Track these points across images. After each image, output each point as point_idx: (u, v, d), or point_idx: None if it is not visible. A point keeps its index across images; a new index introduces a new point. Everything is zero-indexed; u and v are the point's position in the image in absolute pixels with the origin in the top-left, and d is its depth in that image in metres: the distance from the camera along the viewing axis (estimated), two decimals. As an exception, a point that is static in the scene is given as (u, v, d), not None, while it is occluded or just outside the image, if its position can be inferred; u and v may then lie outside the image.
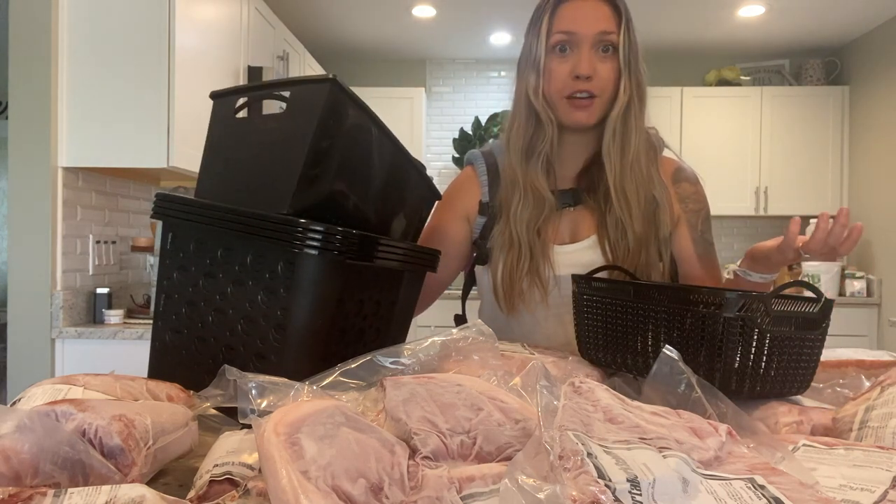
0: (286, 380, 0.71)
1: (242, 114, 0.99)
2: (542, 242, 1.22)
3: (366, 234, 0.88)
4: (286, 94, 0.92)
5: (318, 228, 0.81)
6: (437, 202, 1.20)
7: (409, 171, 1.06)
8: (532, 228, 1.21)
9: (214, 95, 1.04)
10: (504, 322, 1.28)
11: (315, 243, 0.81)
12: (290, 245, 0.82)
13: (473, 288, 1.42)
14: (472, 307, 1.41)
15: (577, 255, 1.24)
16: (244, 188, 0.94)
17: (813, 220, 4.26)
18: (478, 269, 1.33)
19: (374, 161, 0.98)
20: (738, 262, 1.17)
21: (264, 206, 0.87)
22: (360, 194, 0.97)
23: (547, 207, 1.22)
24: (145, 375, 0.97)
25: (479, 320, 0.96)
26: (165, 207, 0.95)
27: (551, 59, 1.17)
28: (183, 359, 0.95)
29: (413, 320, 1.15)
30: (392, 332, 1.05)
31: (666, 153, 1.32)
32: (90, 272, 2.67)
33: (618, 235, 1.20)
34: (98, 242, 2.70)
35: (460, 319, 1.40)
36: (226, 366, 0.74)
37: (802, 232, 1.07)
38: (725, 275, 1.32)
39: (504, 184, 1.26)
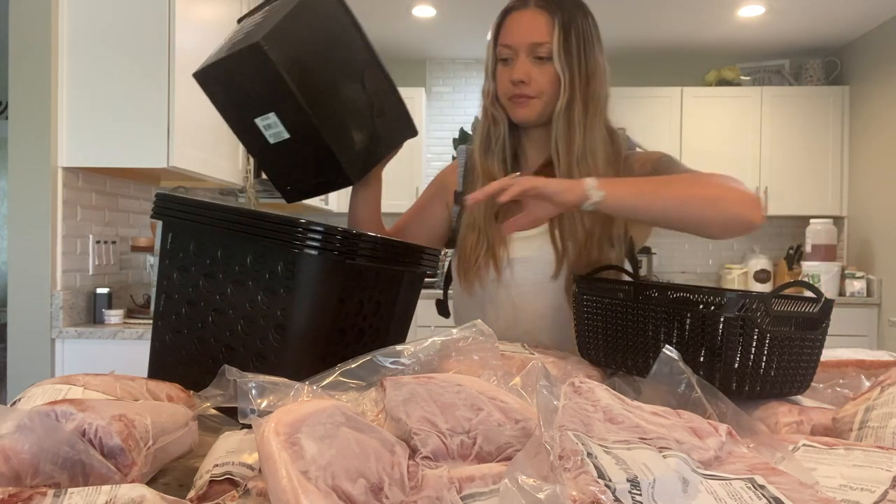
0: (286, 380, 0.71)
1: None
2: (499, 227, 1.30)
3: (366, 234, 0.89)
4: None
5: (319, 228, 0.81)
6: (424, 186, 1.33)
7: (389, 94, 1.22)
8: (489, 213, 1.32)
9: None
10: (460, 301, 1.41)
11: (315, 243, 0.81)
12: (290, 245, 0.82)
13: None
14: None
15: (528, 241, 1.32)
16: (228, 48, 1.10)
17: (813, 220, 4.28)
18: (452, 253, 1.46)
19: (347, 53, 1.12)
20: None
21: (242, 45, 1.02)
22: (326, 67, 1.07)
23: None
24: (145, 375, 0.97)
25: (479, 320, 0.96)
26: (165, 207, 0.95)
27: (498, 67, 1.32)
28: (183, 358, 0.95)
29: (413, 320, 1.16)
30: (392, 332, 1.05)
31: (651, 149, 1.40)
32: (90, 272, 2.67)
33: (569, 227, 1.28)
34: (98, 242, 2.70)
35: (441, 304, 1.50)
36: (226, 366, 0.74)
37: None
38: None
39: (469, 175, 1.42)
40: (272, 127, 1.11)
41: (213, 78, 1.12)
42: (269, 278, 0.85)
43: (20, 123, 2.47)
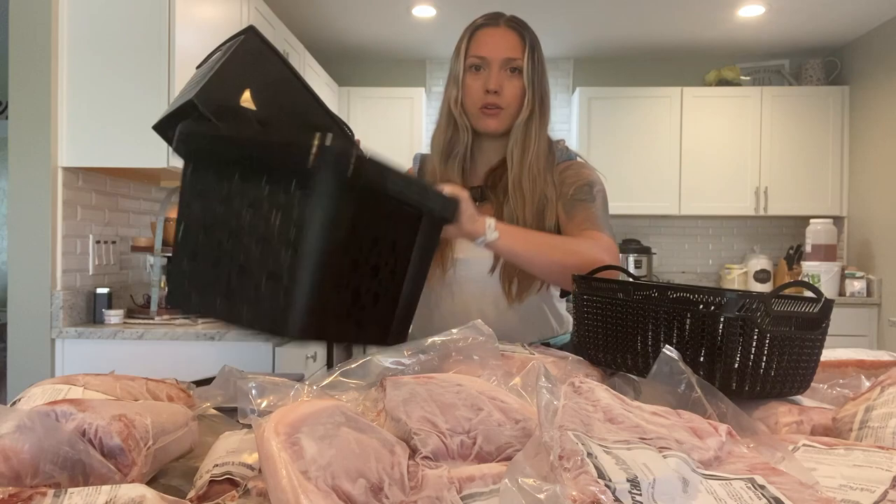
0: (286, 380, 0.71)
1: None
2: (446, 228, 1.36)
3: (380, 159, 0.90)
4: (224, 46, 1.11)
5: (332, 148, 0.83)
6: None
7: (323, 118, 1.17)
8: None
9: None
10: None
11: (327, 163, 0.83)
12: (303, 163, 0.83)
13: None
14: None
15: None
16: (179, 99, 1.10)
17: (813, 220, 4.29)
18: None
19: (282, 97, 1.11)
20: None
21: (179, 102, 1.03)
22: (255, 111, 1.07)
23: None
24: (145, 375, 0.97)
25: (479, 321, 0.96)
26: (187, 141, 0.97)
27: (468, 76, 1.41)
28: (197, 284, 0.96)
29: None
30: (409, 278, 1.04)
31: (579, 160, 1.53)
32: (90, 272, 2.67)
33: (513, 221, 1.37)
34: (98, 242, 2.70)
35: None
36: (226, 365, 0.74)
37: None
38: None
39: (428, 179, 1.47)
40: None
41: (166, 130, 1.18)
42: (283, 199, 0.86)
43: (20, 123, 2.48)
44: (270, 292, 0.85)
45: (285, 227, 0.85)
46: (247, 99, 1.09)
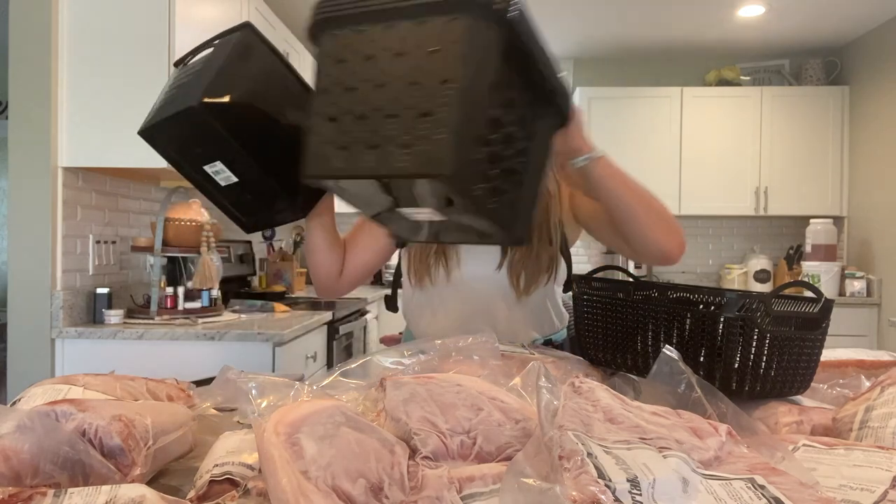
0: (286, 380, 0.71)
1: None
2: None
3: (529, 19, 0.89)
4: (215, 42, 1.13)
5: None
6: None
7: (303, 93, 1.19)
8: None
9: (176, 63, 1.25)
10: (410, 298, 1.47)
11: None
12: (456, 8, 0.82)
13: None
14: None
15: None
16: (166, 104, 1.15)
17: (814, 221, 4.28)
18: (400, 253, 1.51)
19: (279, 91, 1.14)
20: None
21: (178, 106, 1.06)
22: (260, 112, 1.11)
23: None
24: (145, 375, 0.97)
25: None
26: (324, 13, 0.94)
27: None
28: (341, 144, 0.93)
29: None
30: (532, 169, 1.02)
31: None
32: (90, 272, 2.67)
33: None
34: (98, 242, 2.70)
35: (389, 299, 1.54)
36: (226, 365, 0.74)
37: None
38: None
39: None
40: (221, 173, 1.17)
41: (156, 135, 1.20)
42: (434, 41, 0.85)
43: (20, 123, 2.47)
44: (426, 130, 0.83)
45: (434, 68, 0.84)
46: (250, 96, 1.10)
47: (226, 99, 1.06)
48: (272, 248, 4.12)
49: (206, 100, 1.03)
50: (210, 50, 1.13)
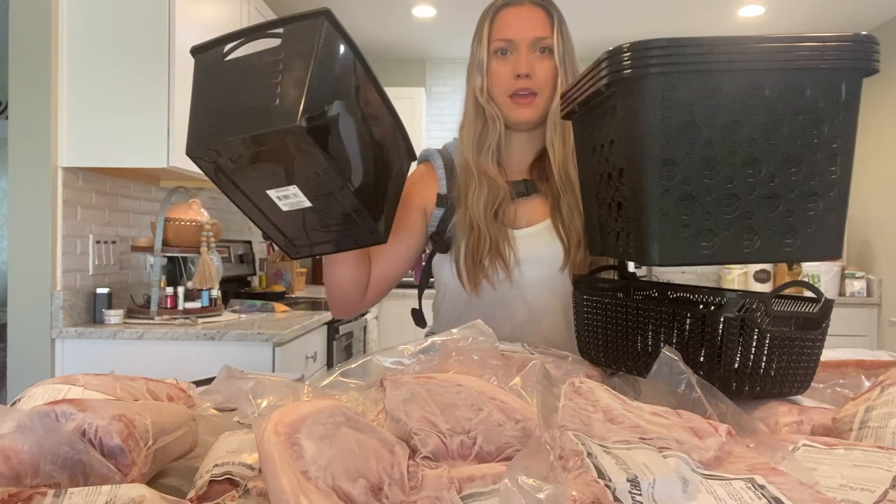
0: (286, 380, 0.71)
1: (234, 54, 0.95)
2: (500, 225, 1.29)
3: None
4: (280, 31, 0.91)
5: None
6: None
7: (391, 121, 1.05)
8: (489, 212, 1.28)
9: (196, 50, 1.00)
10: (465, 307, 1.33)
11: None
12: (866, 64, 0.79)
13: (430, 280, 1.45)
14: (427, 303, 1.45)
15: (534, 237, 1.30)
16: (241, 117, 0.90)
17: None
18: (437, 260, 1.38)
19: (360, 98, 0.97)
20: None
21: (271, 123, 0.86)
22: (350, 124, 0.94)
23: (501, 193, 1.30)
24: (145, 375, 0.97)
25: (480, 320, 0.96)
26: (648, 57, 0.80)
27: (493, 61, 1.29)
28: (701, 228, 0.83)
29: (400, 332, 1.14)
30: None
31: None
32: (90, 272, 2.67)
33: (570, 219, 1.29)
34: (98, 242, 2.70)
35: (417, 313, 1.45)
36: (226, 365, 0.74)
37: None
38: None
39: (460, 175, 1.34)
40: (291, 197, 0.97)
41: (216, 156, 0.95)
42: (817, 107, 0.80)
43: (20, 123, 2.48)
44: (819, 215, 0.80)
45: (821, 138, 0.80)
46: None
47: (328, 115, 0.89)
48: (272, 248, 4.12)
49: (309, 120, 0.85)
50: (277, 43, 0.91)
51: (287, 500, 0.48)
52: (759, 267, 4.68)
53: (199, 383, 1.06)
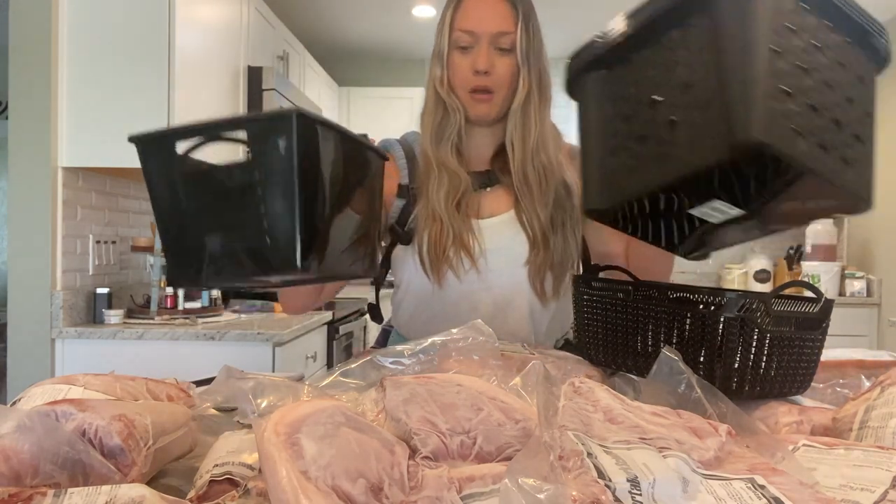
0: (286, 380, 0.71)
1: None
2: (463, 216, 1.27)
3: None
4: (241, 135, 0.77)
5: None
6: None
7: (366, 153, 0.91)
8: (451, 203, 1.26)
9: (139, 141, 0.80)
10: (428, 301, 1.30)
11: None
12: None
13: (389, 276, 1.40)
14: (385, 299, 1.43)
15: (499, 227, 1.28)
16: (230, 257, 0.77)
17: (814, 221, 4.22)
18: (398, 253, 1.33)
19: (339, 164, 0.82)
20: None
21: (268, 269, 0.73)
22: (338, 196, 0.80)
23: (463, 184, 1.27)
24: (145, 375, 0.97)
25: (479, 320, 0.96)
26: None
27: (454, 53, 1.25)
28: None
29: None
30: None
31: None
32: (90, 272, 2.67)
33: (532, 212, 1.27)
34: (98, 242, 2.70)
35: (373, 308, 1.42)
36: (226, 365, 0.74)
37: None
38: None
39: (420, 166, 1.31)
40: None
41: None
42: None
43: (20, 123, 2.48)
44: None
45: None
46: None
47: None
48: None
49: (306, 255, 0.71)
50: (241, 150, 0.79)
51: (287, 500, 0.48)
52: (759, 267, 4.68)
53: (199, 383, 1.06)
